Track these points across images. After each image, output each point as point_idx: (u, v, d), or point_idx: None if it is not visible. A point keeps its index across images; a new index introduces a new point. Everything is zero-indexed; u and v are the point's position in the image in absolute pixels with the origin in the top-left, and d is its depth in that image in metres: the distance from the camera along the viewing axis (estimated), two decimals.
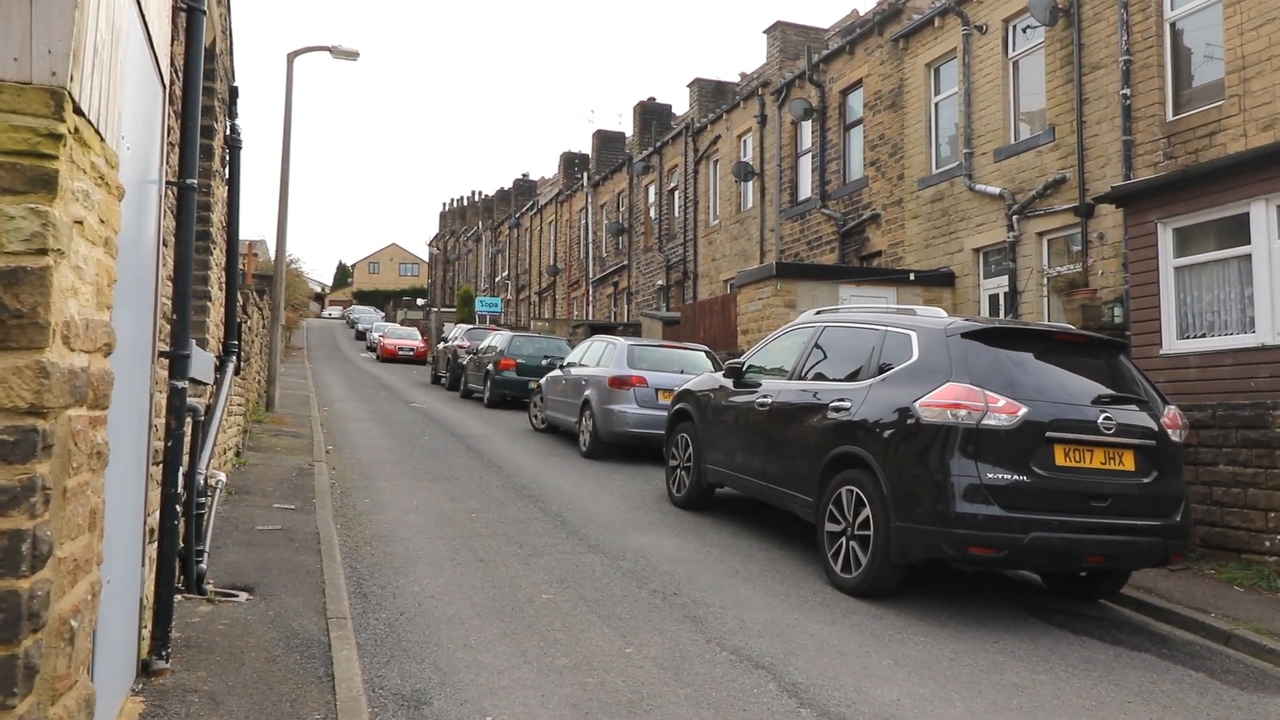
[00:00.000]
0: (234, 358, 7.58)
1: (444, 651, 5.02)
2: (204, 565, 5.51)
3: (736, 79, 31.34)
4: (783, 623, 5.90)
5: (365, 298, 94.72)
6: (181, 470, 4.30)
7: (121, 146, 3.15)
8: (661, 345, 14.79)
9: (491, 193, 63.25)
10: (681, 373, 12.93)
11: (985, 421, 6.06)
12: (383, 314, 67.33)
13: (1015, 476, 6.02)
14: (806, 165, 22.80)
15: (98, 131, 2.66)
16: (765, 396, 8.16)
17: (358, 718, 3.86)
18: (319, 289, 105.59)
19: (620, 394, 12.78)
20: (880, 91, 19.56)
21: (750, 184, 25.27)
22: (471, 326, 29.70)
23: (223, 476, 7.49)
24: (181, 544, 5.40)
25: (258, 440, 12.45)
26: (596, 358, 14.27)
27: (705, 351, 14.41)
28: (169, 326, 4.36)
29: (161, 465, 4.27)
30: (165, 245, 4.40)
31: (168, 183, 4.34)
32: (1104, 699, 5.04)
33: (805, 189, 22.81)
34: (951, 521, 5.97)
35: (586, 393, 13.46)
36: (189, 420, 5.28)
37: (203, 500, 5.50)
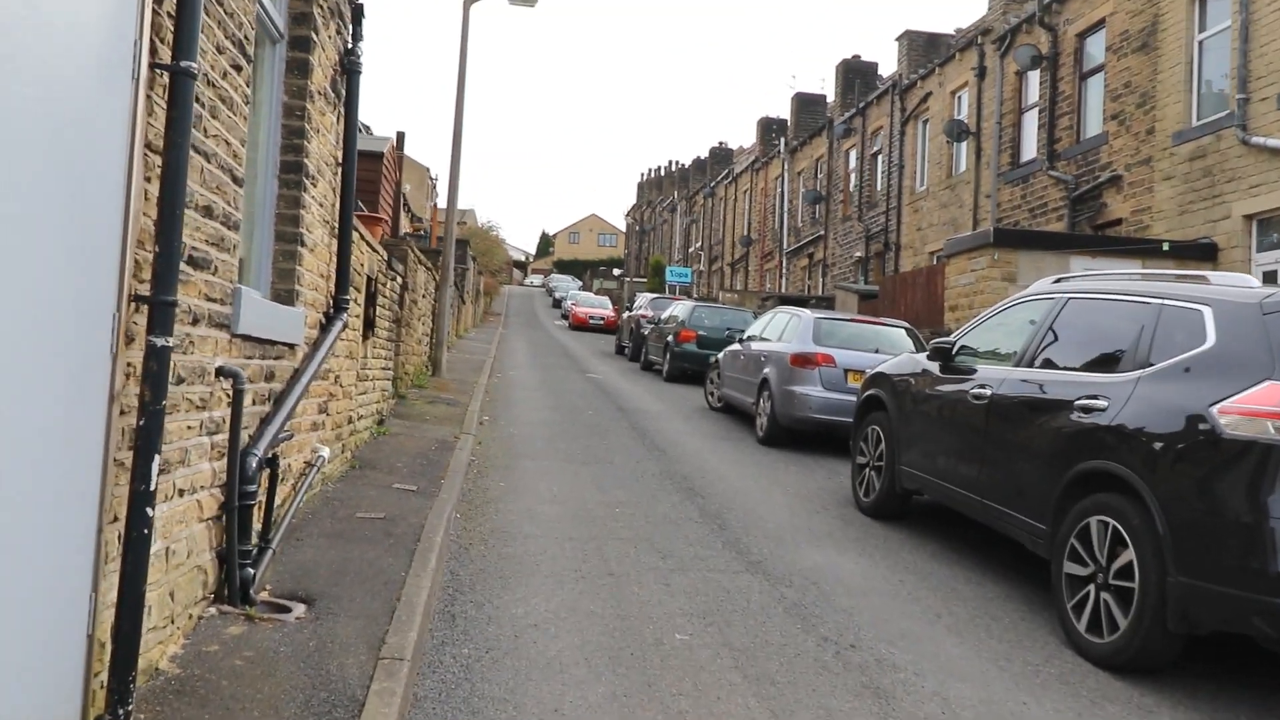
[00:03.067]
0: (343, 314, 6.56)
1: (526, 719, 3.70)
2: (252, 570, 4.43)
3: (951, 32, 28.45)
4: (1004, 709, 4.21)
5: (565, 267, 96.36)
6: (165, 451, 3.13)
7: None
8: (854, 320, 12.99)
9: (688, 163, 62.13)
10: (877, 352, 11.14)
11: None
12: (580, 283, 67.98)
13: None
14: (1032, 122, 20.06)
15: None
16: (982, 386, 6.37)
17: None
18: (522, 257, 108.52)
19: (803, 374, 11.13)
20: (1128, 31, 16.70)
21: (964, 145, 22.67)
22: (656, 296, 28.60)
23: (326, 452, 6.50)
24: (224, 544, 4.36)
25: (410, 407, 11.67)
26: (779, 331, 12.65)
27: (906, 328, 12.51)
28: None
29: (133, 452, 3.11)
30: (155, 153, 3.23)
31: (154, 66, 3.15)
32: None
33: (1029, 149, 20.09)
34: (1271, 586, 4.08)
35: (765, 370, 11.89)
36: (229, 390, 4.18)
37: (252, 489, 4.41)
